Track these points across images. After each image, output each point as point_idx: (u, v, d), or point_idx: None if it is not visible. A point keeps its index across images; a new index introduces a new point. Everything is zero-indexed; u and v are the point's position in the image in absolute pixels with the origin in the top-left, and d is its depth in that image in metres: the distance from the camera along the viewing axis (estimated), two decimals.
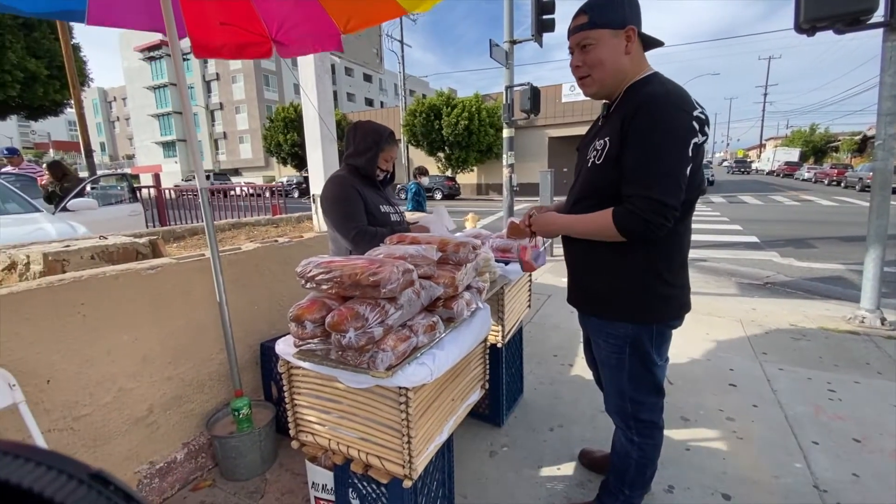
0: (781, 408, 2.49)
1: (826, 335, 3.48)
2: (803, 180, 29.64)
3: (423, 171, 6.75)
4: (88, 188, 6.20)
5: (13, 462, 0.20)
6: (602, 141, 1.36)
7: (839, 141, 42.56)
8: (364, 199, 1.92)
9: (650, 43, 1.39)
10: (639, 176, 1.23)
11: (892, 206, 3.66)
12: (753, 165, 50.48)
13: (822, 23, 3.38)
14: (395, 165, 2.11)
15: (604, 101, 1.47)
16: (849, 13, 3.30)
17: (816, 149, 45.72)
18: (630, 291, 1.39)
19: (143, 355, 1.90)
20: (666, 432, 2.26)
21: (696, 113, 1.23)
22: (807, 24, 3.39)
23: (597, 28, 1.32)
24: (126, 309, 1.84)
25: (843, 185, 23.13)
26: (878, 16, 3.34)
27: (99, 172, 8.33)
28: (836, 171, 25.61)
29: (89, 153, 8.41)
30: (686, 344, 3.29)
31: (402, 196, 7.31)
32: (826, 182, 25.55)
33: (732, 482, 1.94)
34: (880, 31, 3.45)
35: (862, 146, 34.32)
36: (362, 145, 1.95)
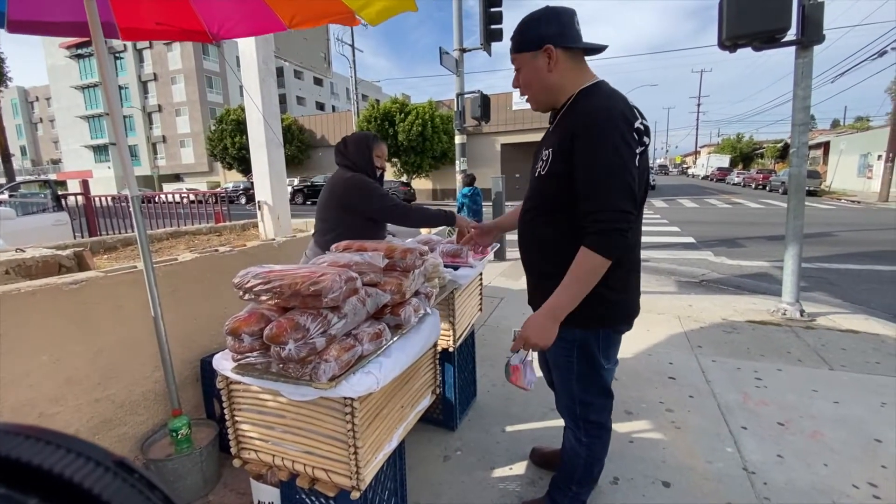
0: (715, 397, 2.66)
1: (753, 328, 3.76)
2: (734, 184, 32.03)
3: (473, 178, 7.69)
4: (6, 196, 5.67)
5: (44, 447, 0.20)
6: (547, 152, 1.39)
7: (764, 148, 46.34)
8: None
9: (590, 50, 1.40)
10: (594, 190, 1.25)
11: (807, 207, 4.02)
12: (690, 171, 61.76)
13: (741, 40, 3.68)
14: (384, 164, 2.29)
15: (550, 110, 1.50)
16: (765, 31, 3.61)
17: (744, 155, 49.55)
18: None
19: (67, 377, 1.75)
20: (612, 426, 2.36)
21: (636, 124, 1.28)
22: (729, 41, 3.68)
23: (517, 52, 1.40)
24: (46, 327, 1.69)
25: (768, 188, 25.17)
26: (791, 34, 3.68)
27: (18, 179, 7.64)
28: (761, 175, 27.85)
29: (7, 158, 7.70)
30: (629, 340, 3.45)
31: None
32: (753, 186, 27.68)
33: (671, 470, 2.05)
34: (793, 48, 3.80)
35: (784, 153, 37.64)
36: (355, 150, 2.15)
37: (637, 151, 1.27)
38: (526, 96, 1.46)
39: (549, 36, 1.34)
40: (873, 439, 2.22)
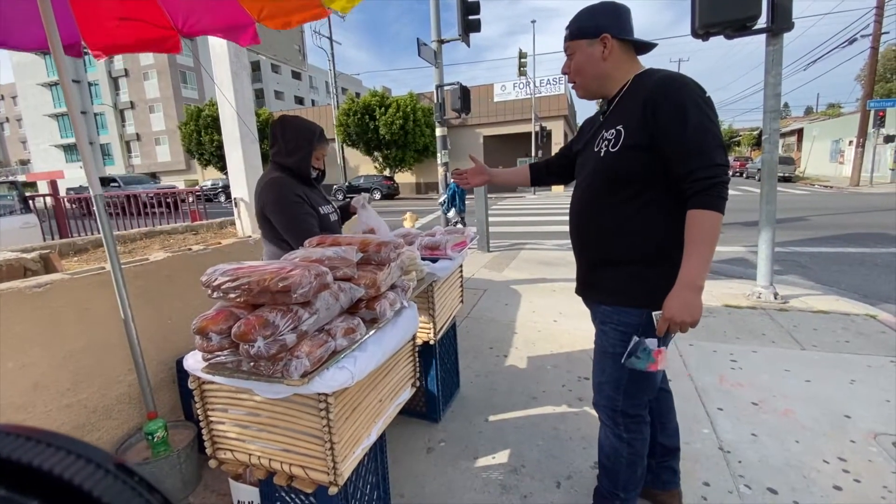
0: (692, 380, 2.72)
1: (729, 311, 3.85)
2: None
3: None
4: None
5: (45, 449, 0.20)
6: (613, 130, 1.36)
7: (740, 136, 47.29)
8: (307, 200, 1.87)
9: (643, 46, 1.43)
10: (690, 150, 1.24)
11: (782, 193, 4.11)
12: None
13: (714, 28, 3.72)
14: (325, 163, 2.07)
15: (597, 98, 1.51)
16: (736, 20, 3.66)
17: None
18: (647, 276, 1.37)
19: (35, 383, 1.70)
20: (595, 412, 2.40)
21: (706, 94, 1.30)
22: (701, 29, 3.72)
23: (574, 39, 1.43)
24: (10, 332, 1.64)
25: (744, 175, 25.73)
26: (762, 23, 3.73)
27: None
28: (738, 163, 28.45)
29: None
30: None
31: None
32: (731, 173, 28.22)
33: None
34: (764, 36, 3.86)
35: (759, 140, 38.58)
36: (293, 144, 1.88)
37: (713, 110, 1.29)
38: (574, 83, 1.49)
39: (608, 26, 1.37)
40: (843, 415, 2.30)
